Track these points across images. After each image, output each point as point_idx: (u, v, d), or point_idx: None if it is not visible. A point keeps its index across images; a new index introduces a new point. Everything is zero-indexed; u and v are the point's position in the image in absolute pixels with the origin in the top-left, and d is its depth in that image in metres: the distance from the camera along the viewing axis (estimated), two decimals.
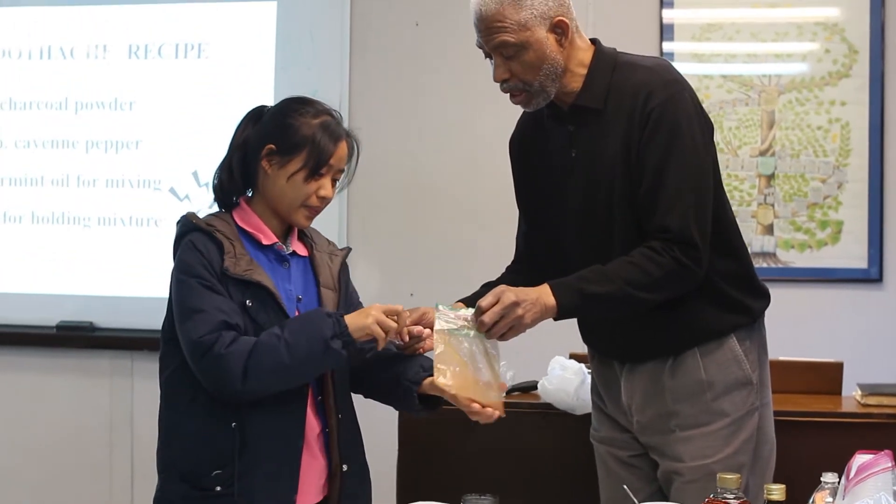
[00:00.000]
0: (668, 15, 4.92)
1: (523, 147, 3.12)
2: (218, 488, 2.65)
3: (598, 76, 2.91)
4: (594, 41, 2.98)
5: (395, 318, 2.68)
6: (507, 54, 2.83)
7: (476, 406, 2.72)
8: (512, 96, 2.92)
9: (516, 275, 3.13)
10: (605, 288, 2.78)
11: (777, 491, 2.33)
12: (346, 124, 2.84)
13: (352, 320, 2.64)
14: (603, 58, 2.93)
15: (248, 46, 5.25)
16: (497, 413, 2.76)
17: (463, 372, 2.71)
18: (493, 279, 3.11)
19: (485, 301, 2.74)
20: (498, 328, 2.75)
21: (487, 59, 2.90)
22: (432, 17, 5.11)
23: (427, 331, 2.80)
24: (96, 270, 5.34)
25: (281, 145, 2.72)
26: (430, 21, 5.12)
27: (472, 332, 2.74)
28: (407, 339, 2.76)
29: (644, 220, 2.84)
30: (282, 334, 2.60)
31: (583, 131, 2.93)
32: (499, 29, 2.81)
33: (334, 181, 2.78)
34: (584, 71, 2.91)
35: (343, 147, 2.76)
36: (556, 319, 2.84)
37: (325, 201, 2.76)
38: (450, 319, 2.73)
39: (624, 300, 2.80)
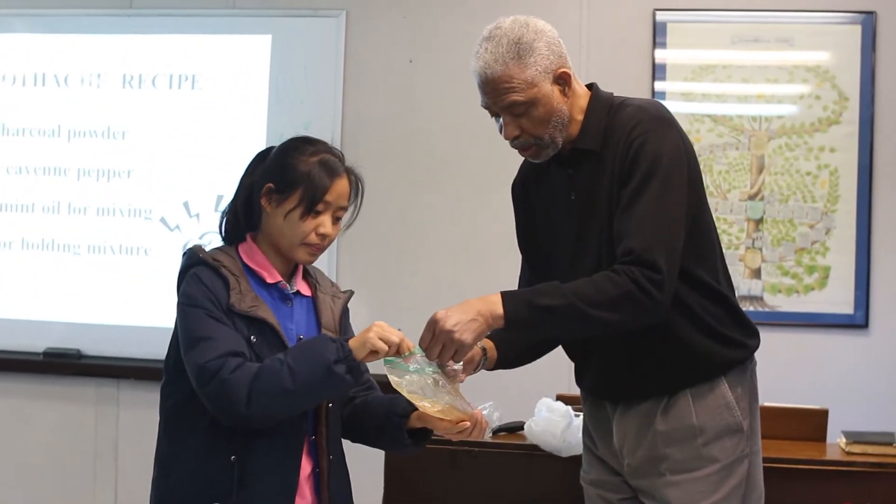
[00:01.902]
0: (661, 55, 4.95)
1: (526, 192, 3.13)
2: None
3: (594, 119, 2.93)
4: (591, 86, 3.01)
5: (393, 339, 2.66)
6: (516, 113, 2.85)
7: (460, 423, 2.71)
8: (522, 150, 2.94)
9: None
10: (556, 301, 2.74)
11: None
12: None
13: (354, 341, 2.64)
14: (599, 101, 2.96)
15: (242, 79, 5.27)
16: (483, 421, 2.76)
17: (435, 401, 2.70)
18: None
19: (422, 339, 2.72)
20: (444, 357, 2.72)
21: (494, 117, 2.91)
22: (426, 54, 5.14)
23: (462, 377, 2.82)
24: (85, 298, 5.34)
25: (278, 184, 2.73)
26: (424, 58, 5.14)
27: (423, 368, 2.71)
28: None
29: (615, 246, 2.82)
30: (285, 359, 2.59)
31: (581, 174, 2.95)
32: (507, 90, 2.82)
33: (337, 218, 2.78)
34: (582, 116, 2.94)
35: (341, 184, 2.76)
36: (505, 330, 2.81)
37: (325, 239, 2.75)
38: (399, 368, 2.70)
39: (574, 315, 2.75)
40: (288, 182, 2.72)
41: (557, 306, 2.74)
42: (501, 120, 2.89)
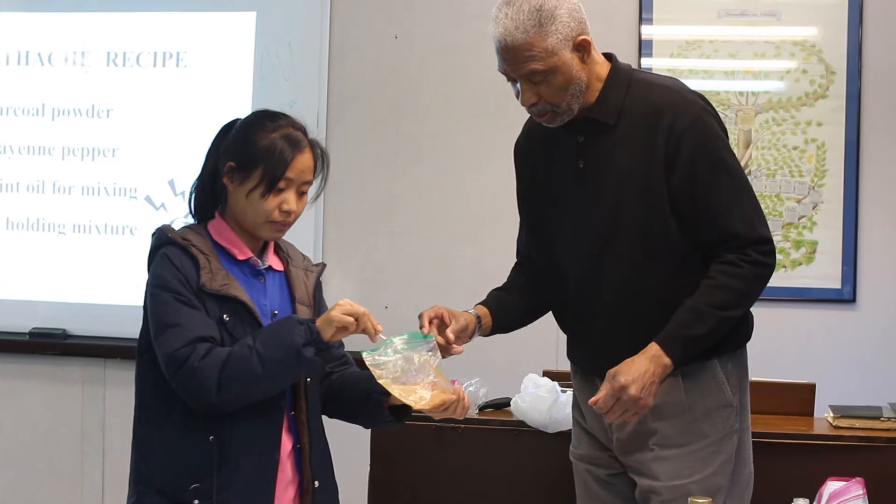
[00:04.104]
0: (647, 31, 4.92)
1: (529, 152, 3.12)
2: (196, 501, 2.63)
3: (612, 92, 2.92)
4: (609, 56, 3.00)
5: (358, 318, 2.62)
6: (535, 80, 2.83)
7: (448, 400, 2.68)
8: (538, 116, 2.93)
9: (506, 292, 3.16)
10: (705, 326, 2.84)
11: None
12: (322, 135, 2.79)
13: (320, 321, 2.62)
14: (619, 74, 2.95)
15: (227, 56, 5.23)
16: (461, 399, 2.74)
17: (417, 387, 2.68)
18: (483, 297, 3.15)
19: (603, 404, 2.82)
20: (625, 419, 2.86)
21: (510, 82, 2.90)
22: (412, 30, 5.10)
23: (459, 349, 2.86)
24: (70, 277, 5.32)
25: (239, 162, 2.70)
26: (409, 34, 5.10)
27: (397, 353, 2.67)
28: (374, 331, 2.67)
29: (707, 236, 2.87)
30: (254, 345, 2.58)
31: (593, 143, 2.94)
32: (527, 58, 2.81)
33: (302, 193, 2.74)
34: (599, 85, 2.93)
35: (303, 159, 2.71)
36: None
37: (290, 215, 2.72)
38: (377, 360, 2.66)
39: (721, 326, 2.87)
40: (248, 160, 2.69)
41: (708, 330, 2.84)
42: (518, 86, 2.87)
